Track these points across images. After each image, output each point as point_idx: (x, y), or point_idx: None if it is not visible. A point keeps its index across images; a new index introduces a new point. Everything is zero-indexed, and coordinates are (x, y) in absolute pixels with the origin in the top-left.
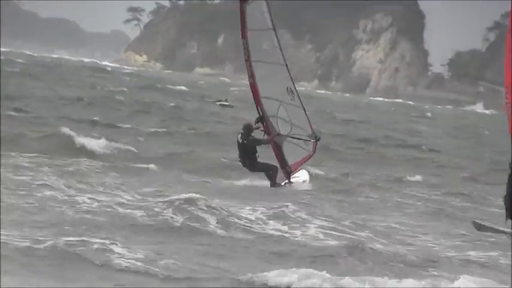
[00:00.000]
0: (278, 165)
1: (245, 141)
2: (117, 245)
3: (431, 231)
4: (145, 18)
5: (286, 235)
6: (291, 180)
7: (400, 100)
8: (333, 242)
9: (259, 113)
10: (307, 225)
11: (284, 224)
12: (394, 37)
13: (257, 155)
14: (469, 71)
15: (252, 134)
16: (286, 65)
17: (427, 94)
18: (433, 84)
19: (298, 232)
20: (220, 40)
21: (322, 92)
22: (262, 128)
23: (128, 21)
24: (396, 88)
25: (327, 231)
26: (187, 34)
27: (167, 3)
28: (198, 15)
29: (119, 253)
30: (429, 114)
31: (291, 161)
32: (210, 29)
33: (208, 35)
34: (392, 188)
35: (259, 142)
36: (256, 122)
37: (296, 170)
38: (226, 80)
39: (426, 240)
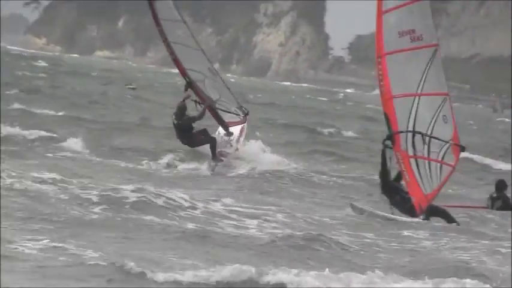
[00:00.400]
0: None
1: (180, 122)
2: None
3: (345, 217)
4: (44, 1)
5: (219, 225)
6: (230, 131)
7: (306, 84)
8: (263, 233)
9: (186, 80)
10: (233, 214)
11: (215, 215)
12: (295, 20)
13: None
14: (369, 55)
15: (186, 113)
16: (202, 50)
17: (328, 78)
18: (333, 68)
19: (229, 222)
20: (120, 23)
21: (229, 75)
22: (192, 98)
23: (27, 4)
24: (297, 71)
25: (254, 220)
26: (87, 17)
27: None
28: None
29: (36, 245)
30: (341, 96)
31: (226, 119)
32: (110, 12)
33: (108, 18)
34: (315, 173)
35: (194, 119)
36: (186, 89)
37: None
38: (132, 64)
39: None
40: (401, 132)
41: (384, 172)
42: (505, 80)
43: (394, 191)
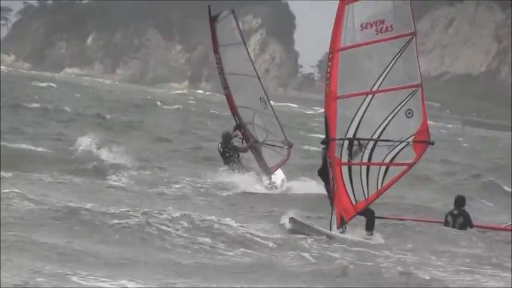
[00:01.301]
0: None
1: (225, 149)
2: None
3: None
4: (13, 18)
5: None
6: (272, 180)
7: (290, 104)
8: None
9: (236, 121)
10: None
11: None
12: (264, 38)
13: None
14: None
15: (232, 142)
16: (258, 77)
17: (297, 95)
18: (302, 86)
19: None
20: (89, 40)
21: (200, 91)
22: (240, 136)
23: None
24: (266, 89)
25: None
26: (56, 34)
27: (35, 3)
28: (67, 15)
29: None
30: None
31: (269, 163)
32: (79, 29)
33: (77, 35)
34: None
35: (238, 150)
36: (234, 130)
37: (274, 171)
38: (106, 81)
39: None
40: (337, 139)
41: (324, 161)
42: (473, 98)
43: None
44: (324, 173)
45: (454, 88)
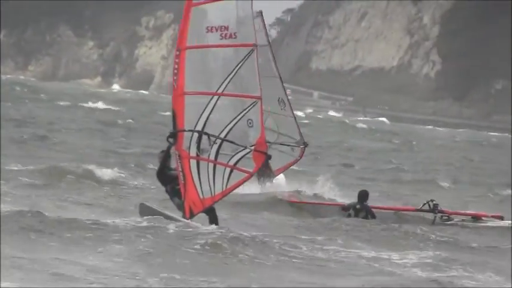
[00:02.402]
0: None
1: None
2: None
3: None
4: None
5: None
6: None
7: None
8: None
9: None
10: None
11: None
12: (177, 34)
13: None
14: None
15: None
16: (280, 78)
17: None
18: None
19: None
20: (0, 37)
21: (129, 91)
22: None
23: None
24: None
25: None
26: None
27: None
28: None
29: None
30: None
31: (277, 166)
32: None
33: None
34: None
35: None
36: None
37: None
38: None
39: None
40: (185, 130)
41: (163, 161)
42: (386, 92)
43: (168, 179)
44: (161, 175)
45: (367, 82)
